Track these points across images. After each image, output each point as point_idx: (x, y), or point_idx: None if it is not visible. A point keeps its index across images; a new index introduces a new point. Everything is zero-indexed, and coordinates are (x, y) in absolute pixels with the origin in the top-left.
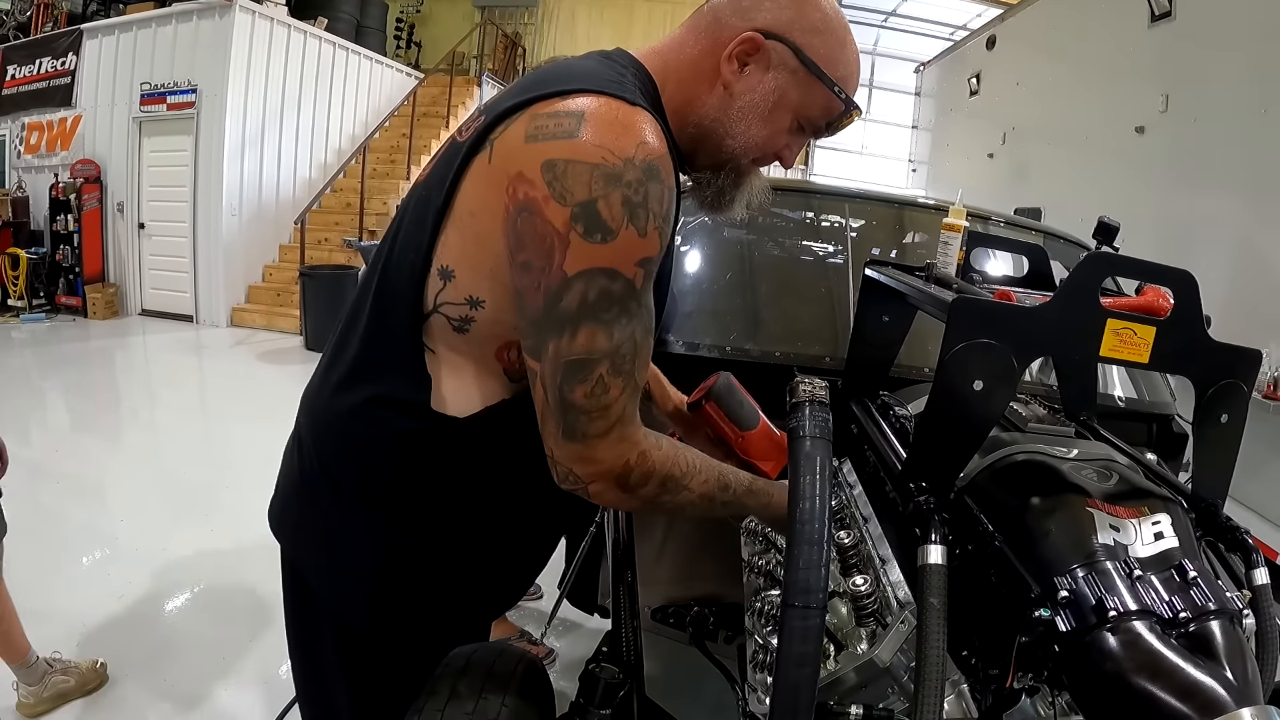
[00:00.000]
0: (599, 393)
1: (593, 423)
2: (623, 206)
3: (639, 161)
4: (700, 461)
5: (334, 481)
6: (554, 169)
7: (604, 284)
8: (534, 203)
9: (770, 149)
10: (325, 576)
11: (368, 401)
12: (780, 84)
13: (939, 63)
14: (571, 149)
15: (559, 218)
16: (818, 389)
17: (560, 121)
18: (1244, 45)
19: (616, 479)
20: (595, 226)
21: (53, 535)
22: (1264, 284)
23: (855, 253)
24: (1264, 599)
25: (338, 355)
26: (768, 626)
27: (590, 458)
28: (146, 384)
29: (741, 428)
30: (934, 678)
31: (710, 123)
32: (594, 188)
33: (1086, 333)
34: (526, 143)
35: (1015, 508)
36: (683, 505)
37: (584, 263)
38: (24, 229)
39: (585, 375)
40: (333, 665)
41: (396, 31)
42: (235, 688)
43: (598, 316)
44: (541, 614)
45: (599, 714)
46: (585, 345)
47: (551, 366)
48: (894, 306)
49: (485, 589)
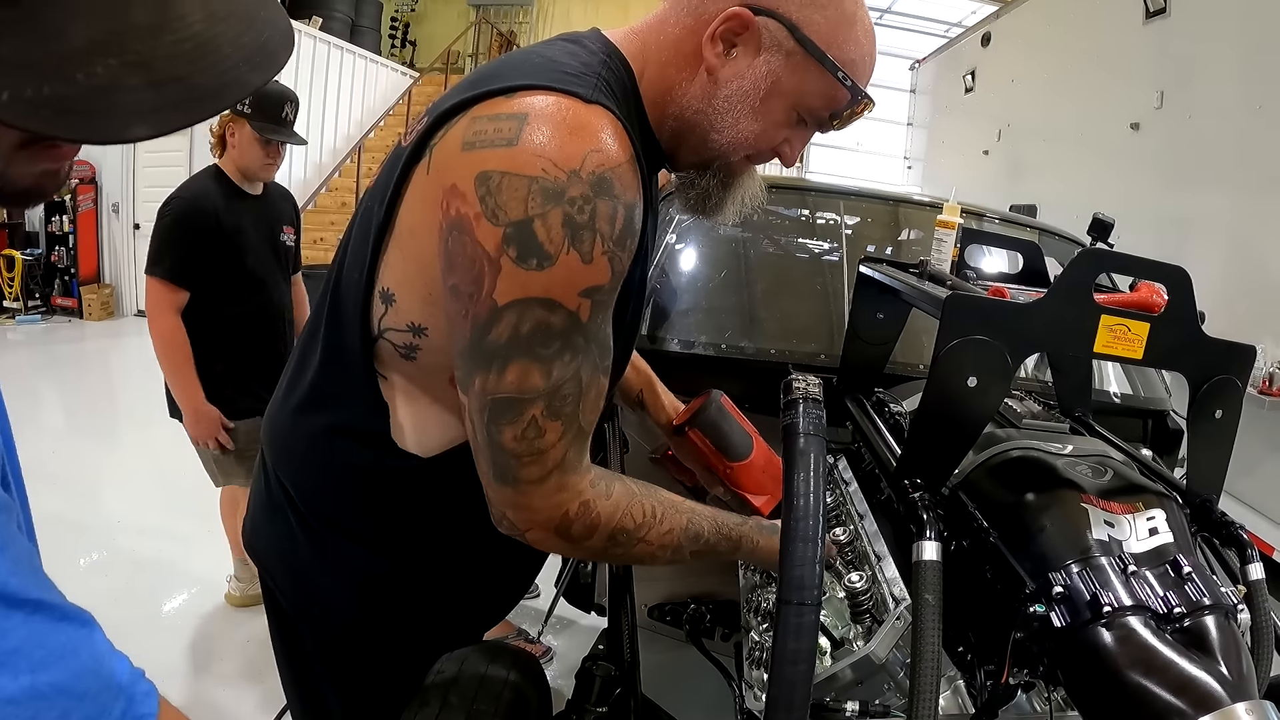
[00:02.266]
0: (531, 436)
1: (524, 468)
2: (563, 227)
3: (586, 174)
4: (664, 509)
5: (298, 507)
6: (488, 182)
7: (540, 315)
8: (465, 220)
9: (765, 144)
10: (297, 599)
11: (328, 430)
12: (773, 68)
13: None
14: (509, 159)
15: (490, 239)
16: (812, 386)
17: (500, 126)
18: (1239, 42)
19: (556, 529)
20: (530, 250)
21: (49, 537)
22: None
23: (850, 250)
24: (1258, 594)
25: (297, 377)
26: (764, 623)
27: (524, 505)
28: (142, 385)
29: (730, 458)
30: (929, 674)
31: (692, 114)
32: (530, 205)
33: (1081, 329)
34: (463, 151)
35: (1010, 504)
36: (640, 558)
37: (516, 291)
38: (19, 230)
39: (514, 416)
40: (321, 677)
41: (391, 30)
42: (232, 689)
43: (532, 352)
44: (538, 612)
45: (596, 712)
46: (515, 383)
47: (478, 403)
48: (889, 304)
49: (463, 610)
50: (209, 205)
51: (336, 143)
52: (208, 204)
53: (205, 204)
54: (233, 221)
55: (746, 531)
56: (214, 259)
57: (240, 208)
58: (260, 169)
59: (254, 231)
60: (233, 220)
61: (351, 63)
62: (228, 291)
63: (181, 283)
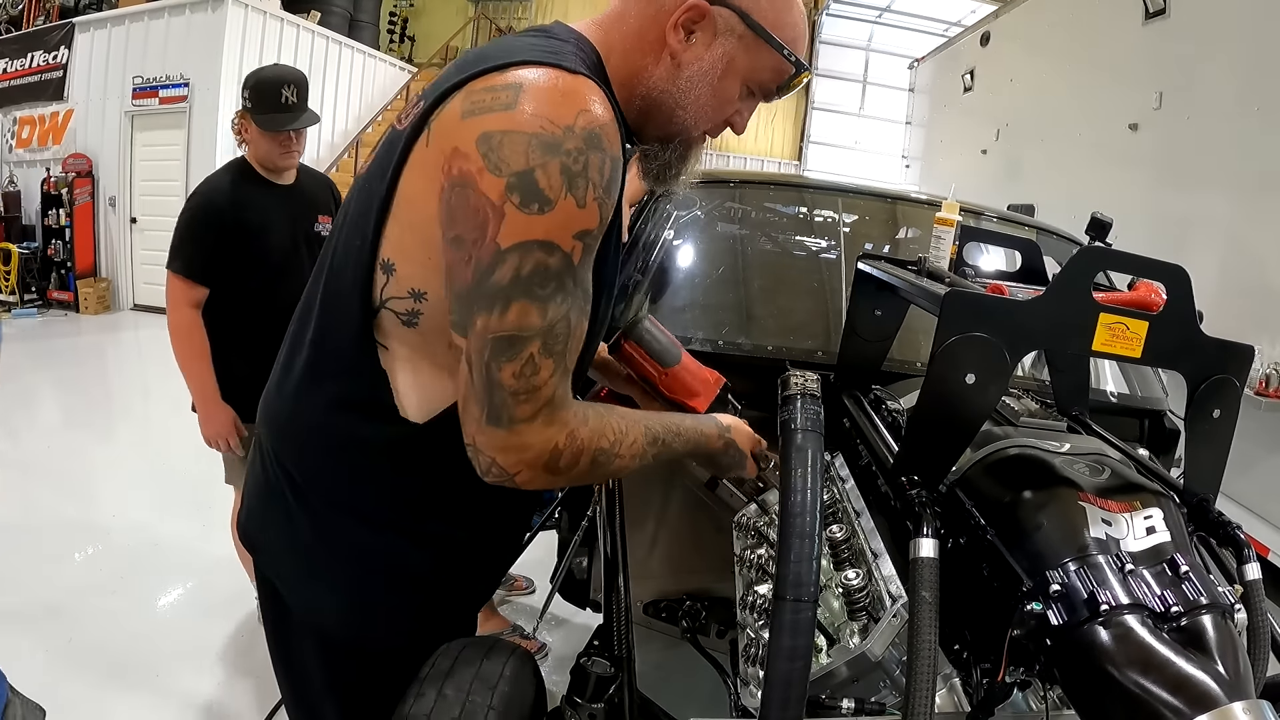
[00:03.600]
0: (528, 373)
1: (519, 405)
2: (561, 175)
3: (579, 129)
4: (626, 423)
5: (299, 489)
6: (489, 140)
7: (540, 257)
8: (468, 175)
9: (720, 117)
10: (297, 587)
11: (328, 406)
12: (728, 50)
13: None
14: (509, 120)
15: (494, 189)
16: (809, 382)
17: (498, 95)
18: (1237, 43)
19: (545, 465)
20: (532, 196)
21: (44, 531)
22: (1256, 281)
23: (848, 247)
24: (1255, 594)
25: (291, 359)
26: (760, 620)
27: (515, 445)
28: (138, 379)
29: (664, 364)
30: (926, 671)
31: (659, 94)
32: (531, 157)
33: (1079, 327)
34: (463, 119)
35: (1007, 502)
36: (614, 472)
37: (519, 235)
38: (15, 223)
39: (515, 353)
40: (315, 674)
41: (390, 25)
42: (226, 683)
43: (531, 292)
44: (534, 608)
45: (590, 708)
46: (516, 321)
47: (479, 343)
48: (887, 300)
49: (460, 583)
50: (224, 199)
51: (334, 138)
52: (222, 198)
53: (220, 198)
54: (253, 214)
55: (690, 423)
56: (231, 253)
57: (265, 200)
58: (278, 159)
59: (280, 223)
60: (253, 213)
61: (350, 58)
62: (248, 286)
63: (198, 278)
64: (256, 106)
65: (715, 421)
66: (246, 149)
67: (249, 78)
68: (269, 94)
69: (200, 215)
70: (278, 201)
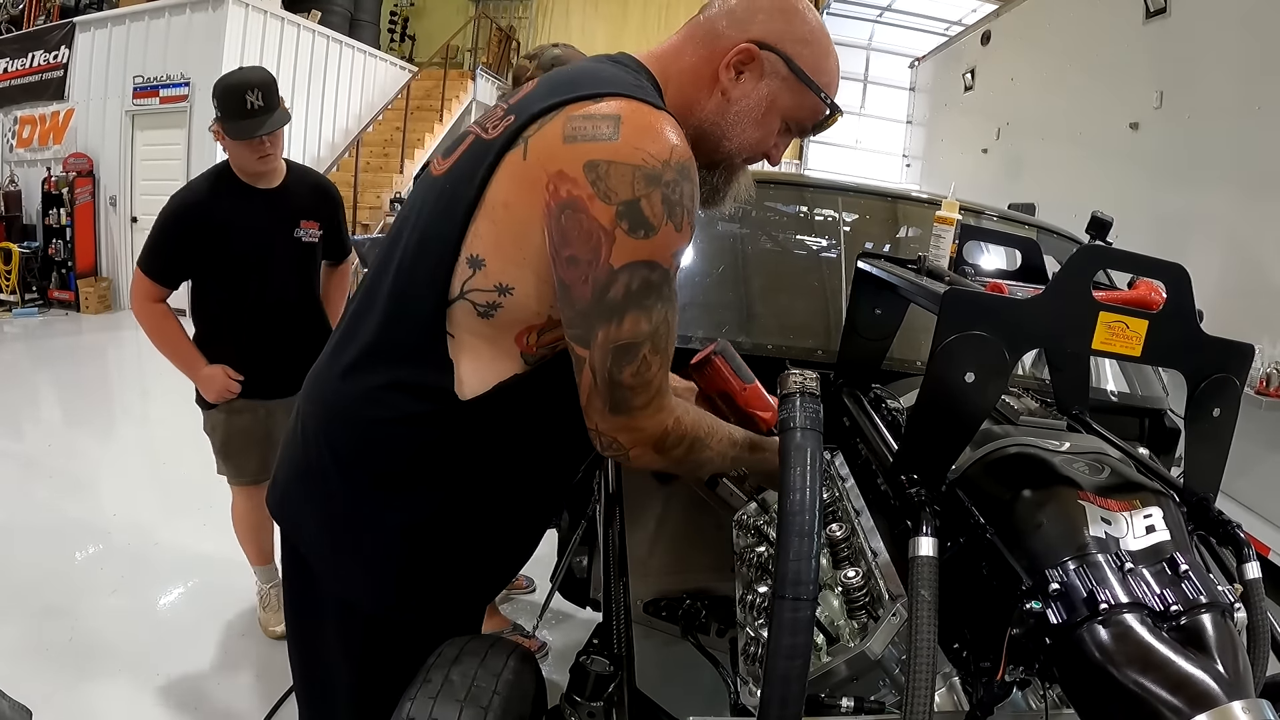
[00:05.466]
0: (643, 371)
1: (637, 397)
2: (663, 205)
3: (674, 163)
4: (714, 422)
5: (343, 466)
6: (596, 169)
7: (645, 274)
8: (578, 201)
9: (761, 149)
10: (331, 561)
11: (383, 388)
12: (773, 90)
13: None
14: (613, 151)
15: (605, 215)
16: (809, 381)
17: (597, 124)
18: (1239, 43)
19: (654, 444)
20: (639, 224)
21: (45, 530)
22: (1256, 280)
23: (848, 246)
24: (1255, 593)
25: (347, 342)
26: (759, 619)
27: (634, 427)
28: (139, 378)
29: (745, 381)
30: (925, 670)
31: (709, 125)
32: (637, 188)
33: (1079, 325)
34: (565, 143)
35: (1007, 500)
36: (703, 463)
37: (628, 256)
38: (16, 223)
39: (632, 357)
40: (334, 649)
41: (390, 25)
42: (228, 681)
43: (641, 304)
44: (534, 607)
45: (590, 706)
46: (631, 330)
47: (601, 353)
48: (886, 299)
49: (490, 562)
50: (198, 205)
51: (335, 136)
52: (196, 204)
53: (193, 204)
54: (225, 221)
55: (759, 441)
56: (203, 257)
57: (240, 206)
58: (255, 164)
59: (254, 229)
60: (228, 217)
61: (350, 57)
62: (225, 287)
63: (160, 280)
64: (224, 115)
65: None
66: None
67: (216, 86)
68: (233, 101)
69: (171, 220)
70: (255, 207)
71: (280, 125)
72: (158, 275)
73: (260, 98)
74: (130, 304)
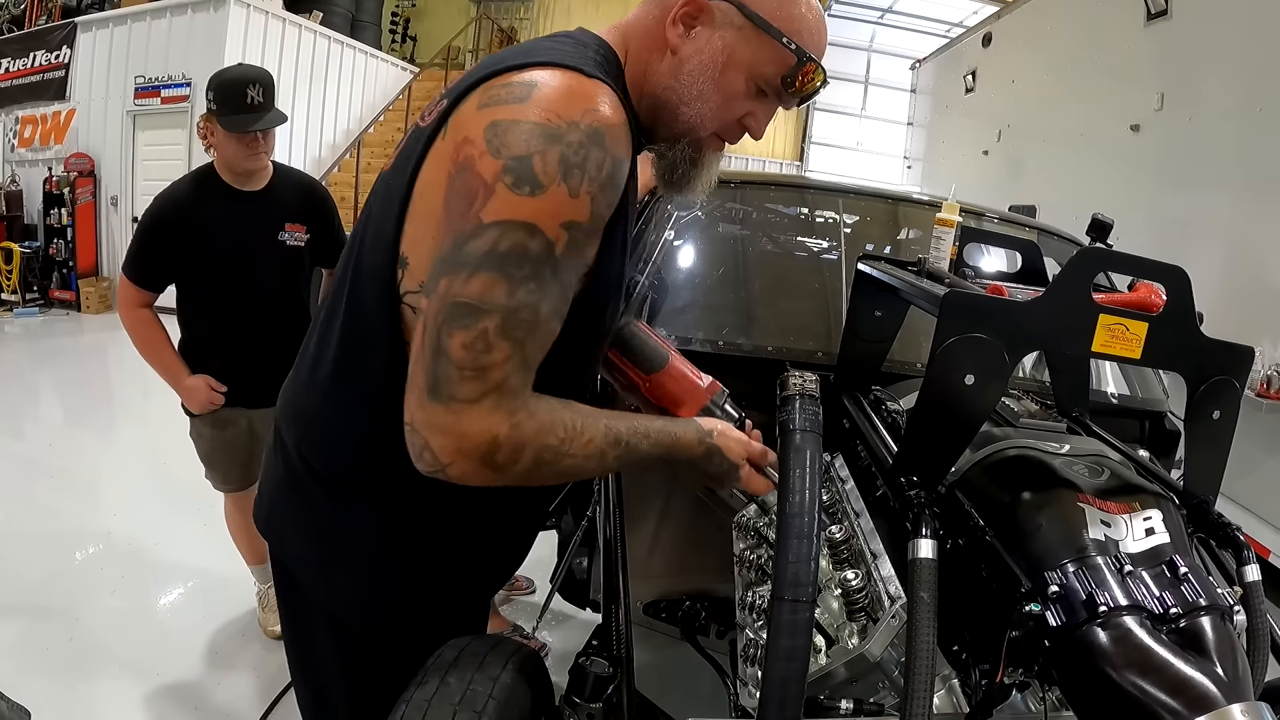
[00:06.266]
0: (479, 349)
1: (463, 382)
2: (559, 163)
3: (584, 125)
4: (582, 421)
5: (321, 479)
6: (496, 128)
7: (520, 238)
8: (470, 159)
9: (730, 116)
10: (318, 575)
11: (354, 399)
12: (728, 42)
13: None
14: (518, 110)
15: (490, 170)
16: (808, 383)
17: (512, 90)
18: (1240, 45)
19: (482, 457)
20: (525, 179)
21: (46, 530)
22: (1257, 282)
23: (849, 248)
24: (1255, 595)
25: (320, 354)
26: (758, 620)
27: (452, 428)
28: (140, 378)
29: (647, 371)
30: (924, 672)
31: (663, 90)
32: (532, 143)
33: (1079, 328)
34: (478, 110)
35: (1006, 503)
36: (566, 473)
37: (504, 213)
38: (17, 223)
39: (468, 323)
40: (328, 661)
41: (392, 26)
42: (227, 681)
43: (504, 268)
44: (534, 607)
45: (589, 708)
46: (479, 291)
47: (438, 304)
48: (887, 301)
49: (478, 570)
50: (179, 208)
51: (336, 137)
52: (178, 207)
53: (175, 207)
54: (209, 220)
55: (661, 425)
56: (184, 260)
57: (224, 209)
58: (245, 161)
59: (237, 232)
60: (209, 219)
61: (352, 58)
62: (208, 290)
63: (143, 284)
64: (221, 108)
65: (695, 426)
66: (213, 153)
67: (213, 79)
68: (233, 94)
69: (153, 224)
70: (238, 210)
71: (276, 124)
72: (140, 279)
73: (260, 94)
74: (118, 312)
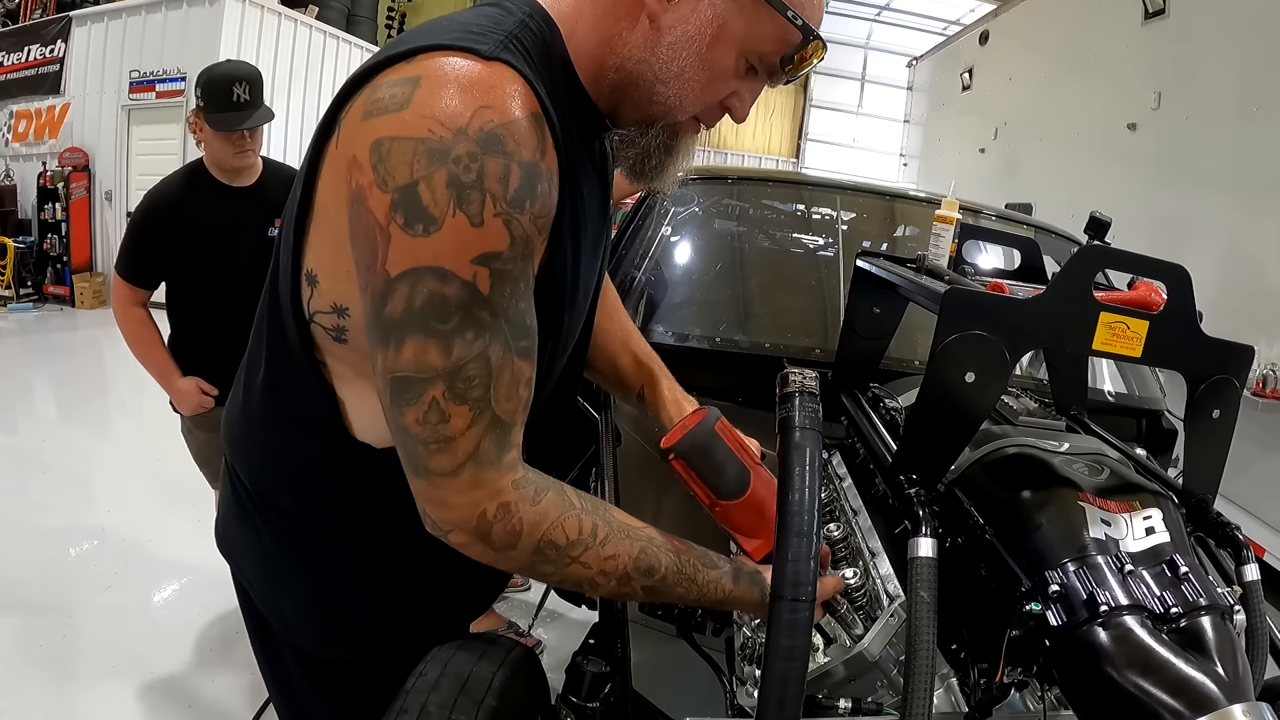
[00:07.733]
0: (433, 420)
1: (433, 457)
2: (448, 188)
3: (474, 131)
4: (610, 530)
5: (260, 505)
6: (380, 149)
7: (433, 286)
8: (361, 191)
9: (714, 97)
10: (266, 598)
11: (282, 423)
12: (719, 11)
13: (931, 57)
14: (398, 124)
15: (380, 208)
16: (807, 380)
17: (395, 92)
18: (1237, 44)
19: (475, 531)
20: (415, 215)
21: (40, 526)
22: (1253, 281)
23: (846, 245)
24: (1254, 595)
25: (251, 373)
26: (756, 619)
27: (439, 500)
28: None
29: (719, 495)
30: (923, 671)
31: (635, 65)
32: (415, 168)
33: (1079, 326)
34: (363, 120)
35: (1006, 501)
36: (577, 581)
37: (406, 261)
38: (11, 217)
39: (414, 397)
40: (299, 680)
41: (388, 21)
42: (221, 679)
43: (427, 326)
44: (529, 605)
45: (586, 707)
46: (413, 361)
47: (381, 383)
48: (885, 298)
49: (438, 604)
50: (169, 204)
51: None
52: (168, 203)
53: (165, 203)
54: (197, 216)
55: (715, 577)
56: (175, 256)
57: (213, 204)
58: (233, 159)
59: (226, 228)
60: (198, 214)
61: (347, 53)
62: (198, 286)
63: (137, 281)
64: (208, 105)
65: (762, 585)
66: (204, 149)
67: (201, 75)
68: (220, 92)
69: (143, 220)
70: (228, 205)
71: (263, 122)
72: (132, 276)
73: (247, 91)
74: (113, 311)
